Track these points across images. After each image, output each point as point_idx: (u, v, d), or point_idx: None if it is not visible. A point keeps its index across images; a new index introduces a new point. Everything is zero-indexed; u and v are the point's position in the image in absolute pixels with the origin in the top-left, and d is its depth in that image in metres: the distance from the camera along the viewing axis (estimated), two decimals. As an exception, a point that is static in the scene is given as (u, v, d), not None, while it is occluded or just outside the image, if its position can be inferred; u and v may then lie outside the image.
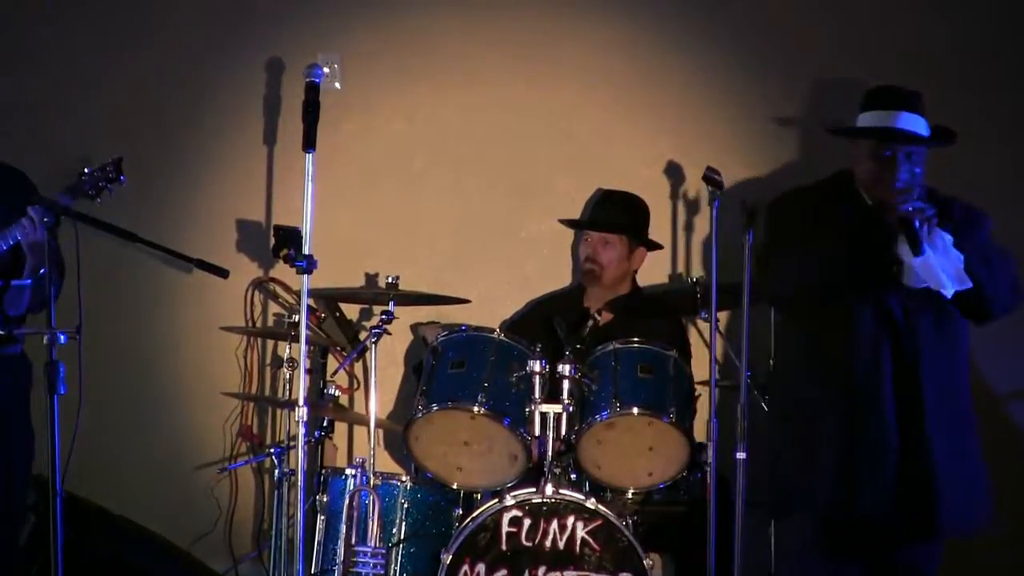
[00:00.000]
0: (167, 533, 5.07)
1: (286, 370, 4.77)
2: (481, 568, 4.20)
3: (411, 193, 5.34)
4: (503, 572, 4.20)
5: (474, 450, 4.45)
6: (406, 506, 4.46)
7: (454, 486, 4.49)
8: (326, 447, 4.90)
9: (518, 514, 4.22)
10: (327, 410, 4.65)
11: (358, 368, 5.22)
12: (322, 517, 4.50)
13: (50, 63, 5.35)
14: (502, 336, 4.52)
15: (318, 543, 4.49)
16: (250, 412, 5.31)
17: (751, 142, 5.19)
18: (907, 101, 3.96)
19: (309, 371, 4.31)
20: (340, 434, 5.27)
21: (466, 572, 4.19)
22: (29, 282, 4.18)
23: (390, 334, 4.70)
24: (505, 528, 4.22)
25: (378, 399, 4.60)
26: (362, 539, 4.39)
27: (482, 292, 5.16)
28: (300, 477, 3.99)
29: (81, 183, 4.29)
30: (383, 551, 4.37)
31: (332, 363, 5.05)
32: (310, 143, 3.88)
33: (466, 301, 4.87)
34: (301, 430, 3.90)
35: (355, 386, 5.25)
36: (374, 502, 4.40)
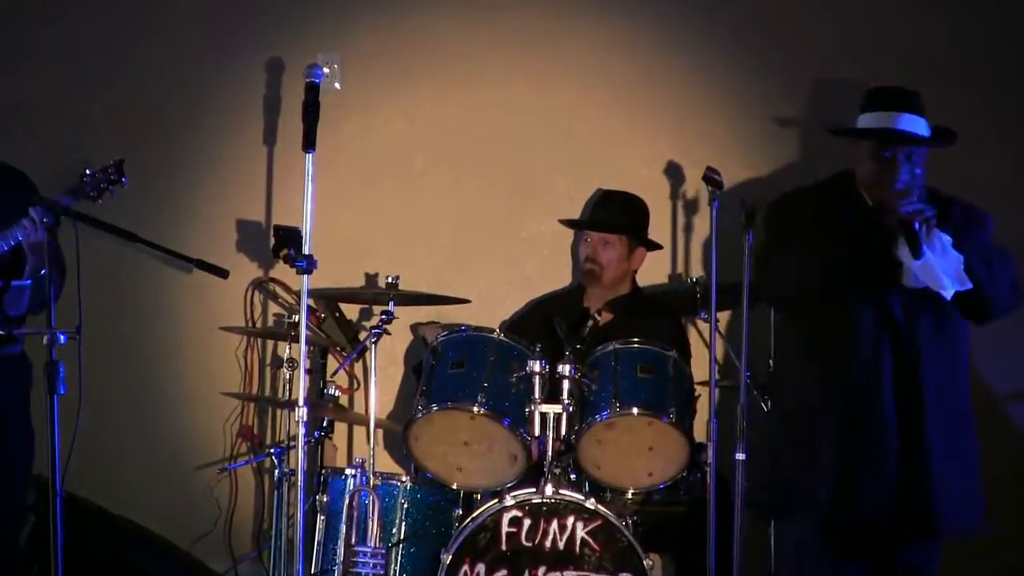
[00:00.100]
0: (167, 533, 5.07)
1: (286, 370, 4.77)
2: (481, 568, 4.20)
3: (411, 193, 5.34)
4: (503, 572, 4.20)
5: (474, 450, 4.45)
6: (406, 506, 4.46)
7: (454, 486, 4.49)
8: (326, 447, 4.90)
9: (518, 514, 4.22)
10: (327, 410, 4.65)
11: (358, 368, 5.22)
12: (322, 517, 4.50)
13: (50, 63, 5.35)
14: (502, 336, 4.52)
15: (318, 543, 4.49)
16: (250, 412, 5.31)
17: (751, 142, 5.19)
18: (907, 102, 3.96)
19: (309, 371, 4.30)
20: (340, 434, 5.27)
21: (466, 572, 4.19)
22: (29, 282, 4.18)
23: (390, 334, 4.70)
24: (505, 528, 4.22)
25: (378, 399, 4.60)
26: (362, 539, 4.39)
27: (482, 292, 5.16)
28: (300, 477, 3.99)
29: (83, 184, 4.29)
30: (383, 551, 4.36)
31: (332, 363, 5.05)
32: (310, 143, 3.88)
33: (466, 301, 4.87)
34: (301, 430, 3.90)
35: (355, 386, 5.25)
36: (374, 502, 4.40)
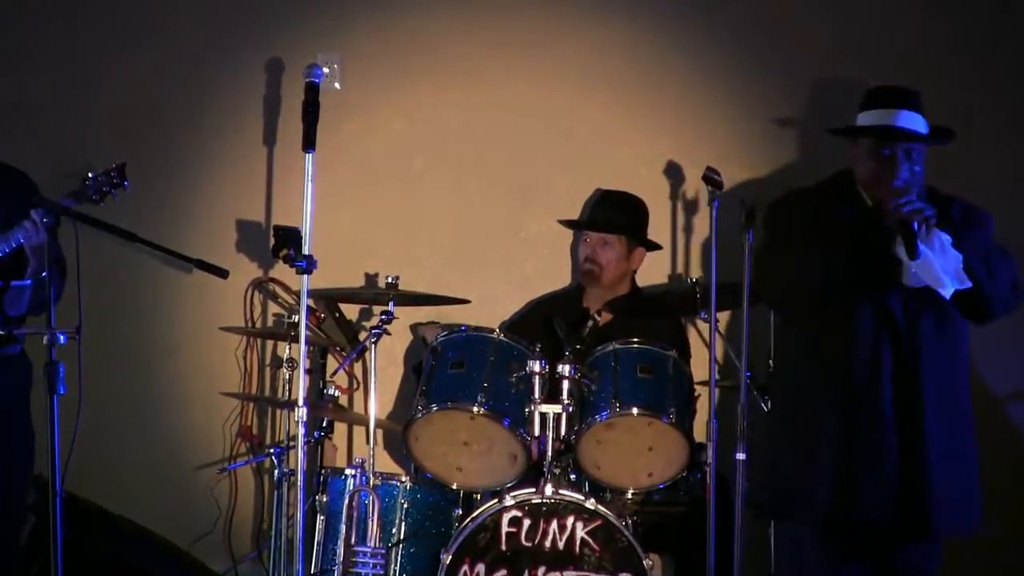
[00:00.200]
0: (167, 533, 5.06)
1: (286, 370, 4.77)
2: (481, 568, 4.19)
3: (411, 193, 5.34)
4: (503, 572, 4.20)
5: (474, 450, 4.45)
6: (406, 506, 4.46)
7: (454, 486, 4.49)
8: (326, 447, 4.90)
9: (518, 514, 4.22)
10: (327, 410, 4.65)
11: (358, 368, 5.22)
12: (322, 517, 4.50)
13: (50, 63, 5.35)
14: (502, 336, 4.51)
15: (318, 543, 4.49)
16: (250, 412, 5.31)
17: (751, 142, 5.19)
18: (906, 99, 3.96)
19: (309, 371, 4.30)
20: (340, 434, 5.27)
21: (466, 572, 4.19)
22: (29, 283, 4.18)
23: (390, 334, 4.71)
24: (505, 528, 4.22)
25: (378, 399, 4.61)
26: (362, 539, 4.39)
27: (482, 292, 5.16)
28: (300, 477, 3.99)
29: (85, 188, 4.27)
30: (383, 551, 4.36)
31: (332, 363, 5.05)
32: (310, 143, 3.87)
33: (466, 301, 4.87)
34: (301, 430, 3.89)
35: (355, 386, 5.25)
36: (374, 502, 4.40)
